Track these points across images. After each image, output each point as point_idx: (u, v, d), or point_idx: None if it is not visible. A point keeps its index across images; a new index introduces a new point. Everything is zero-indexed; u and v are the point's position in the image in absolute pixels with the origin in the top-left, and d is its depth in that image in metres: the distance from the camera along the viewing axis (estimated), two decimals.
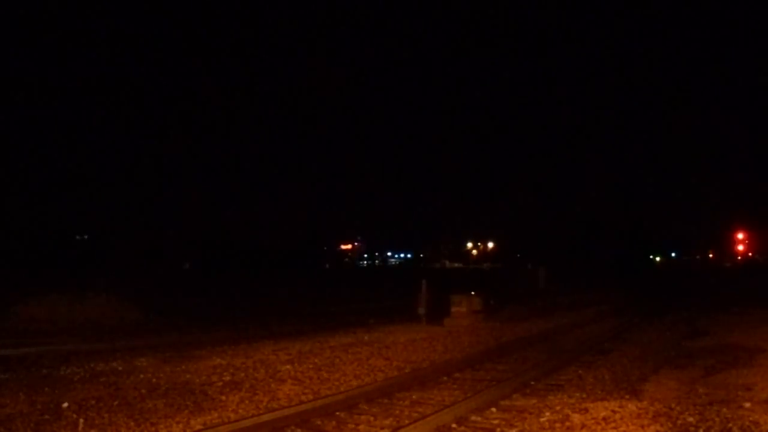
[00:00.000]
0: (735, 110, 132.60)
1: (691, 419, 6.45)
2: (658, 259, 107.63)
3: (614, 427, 6.21)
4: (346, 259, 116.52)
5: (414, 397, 8.31)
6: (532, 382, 9.14)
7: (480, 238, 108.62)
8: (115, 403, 7.38)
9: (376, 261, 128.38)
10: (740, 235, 78.91)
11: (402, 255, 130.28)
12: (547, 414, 6.84)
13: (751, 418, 6.37)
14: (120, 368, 9.68)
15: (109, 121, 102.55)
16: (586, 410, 6.85)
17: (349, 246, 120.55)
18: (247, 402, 7.73)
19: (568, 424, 6.41)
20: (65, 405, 7.17)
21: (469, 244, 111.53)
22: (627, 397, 7.62)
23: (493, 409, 7.49)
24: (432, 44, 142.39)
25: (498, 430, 6.61)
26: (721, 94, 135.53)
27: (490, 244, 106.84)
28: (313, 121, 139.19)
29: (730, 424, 6.21)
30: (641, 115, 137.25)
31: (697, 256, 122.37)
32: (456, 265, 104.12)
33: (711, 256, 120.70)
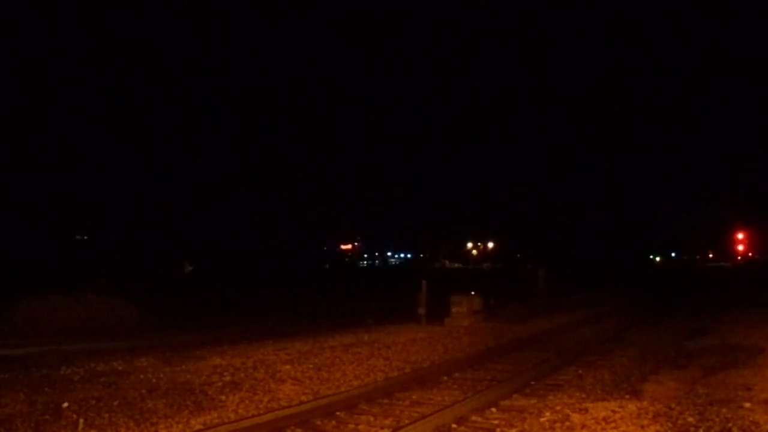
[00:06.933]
0: (735, 110, 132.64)
1: (691, 419, 6.44)
2: (658, 259, 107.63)
3: (614, 427, 6.21)
4: (346, 259, 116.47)
5: (414, 397, 8.31)
6: (532, 382, 9.14)
7: (480, 238, 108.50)
8: (115, 403, 7.38)
9: (376, 261, 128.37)
10: (740, 235, 78.77)
11: (402, 255, 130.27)
12: (547, 414, 6.84)
13: (751, 418, 6.37)
14: (120, 368, 9.67)
15: (110, 121, 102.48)
16: (586, 410, 6.85)
17: (349, 246, 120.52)
18: (247, 402, 7.73)
19: (568, 424, 6.41)
20: (65, 405, 7.16)
21: (469, 244, 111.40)
22: (627, 397, 7.62)
23: (493, 409, 7.49)
24: (434, 44, 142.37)
25: (498, 430, 6.61)
26: (721, 93, 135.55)
27: (490, 244, 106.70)
28: (314, 121, 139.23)
29: (730, 424, 6.20)
30: (641, 115, 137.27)
31: (697, 256, 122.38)
32: (456, 265, 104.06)
33: (711, 256, 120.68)
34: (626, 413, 6.65)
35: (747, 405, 6.95)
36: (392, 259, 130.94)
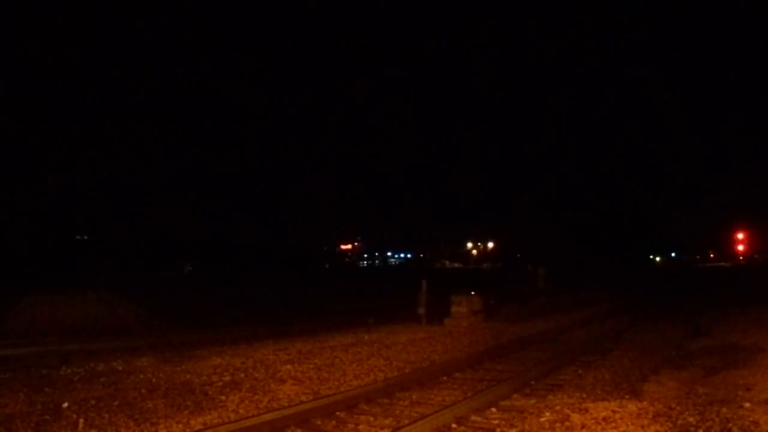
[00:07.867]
0: (735, 110, 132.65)
1: (691, 419, 6.45)
2: (658, 259, 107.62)
3: (614, 427, 6.21)
4: (346, 259, 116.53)
5: (414, 397, 8.31)
6: (532, 382, 9.14)
7: (480, 238, 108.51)
8: (115, 403, 7.38)
9: (376, 261, 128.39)
10: (740, 235, 78.88)
11: (402, 255, 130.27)
12: (547, 414, 6.84)
13: (751, 418, 6.37)
14: (120, 368, 9.69)
15: (110, 121, 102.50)
16: (586, 410, 6.85)
17: (349, 246, 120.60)
18: (247, 402, 7.73)
19: (568, 424, 6.41)
20: (65, 405, 7.17)
21: (469, 244, 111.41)
22: (627, 397, 7.62)
23: (493, 409, 7.49)
24: (433, 46, 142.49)
25: (498, 430, 6.61)
26: (721, 94, 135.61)
27: (490, 244, 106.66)
28: (314, 121, 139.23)
29: (730, 424, 6.21)
30: (641, 115, 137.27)
31: (697, 256, 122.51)
32: (456, 265, 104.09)
33: (711, 256, 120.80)
34: (626, 413, 6.65)
35: (747, 405, 6.95)
36: (392, 259, 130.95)
